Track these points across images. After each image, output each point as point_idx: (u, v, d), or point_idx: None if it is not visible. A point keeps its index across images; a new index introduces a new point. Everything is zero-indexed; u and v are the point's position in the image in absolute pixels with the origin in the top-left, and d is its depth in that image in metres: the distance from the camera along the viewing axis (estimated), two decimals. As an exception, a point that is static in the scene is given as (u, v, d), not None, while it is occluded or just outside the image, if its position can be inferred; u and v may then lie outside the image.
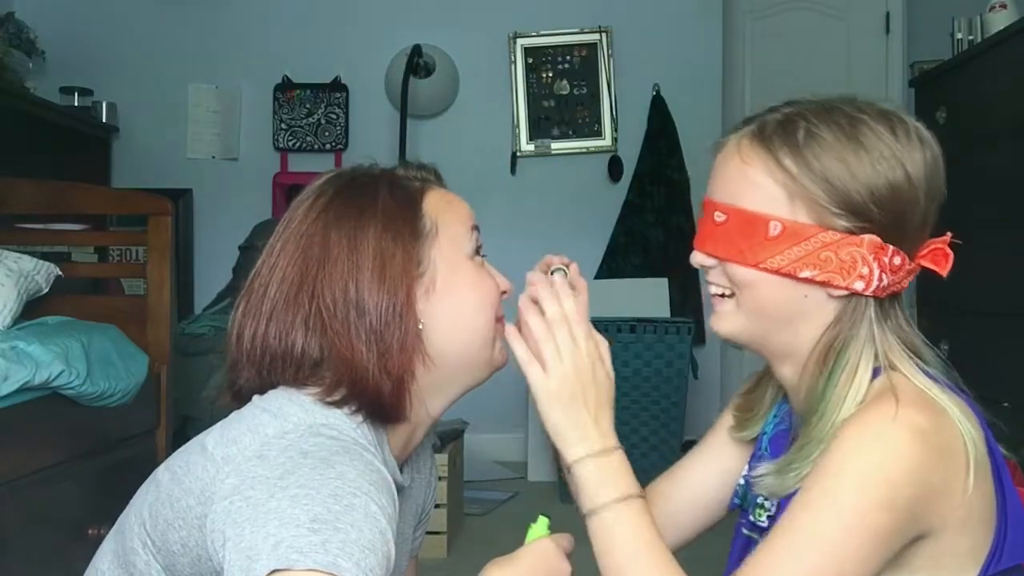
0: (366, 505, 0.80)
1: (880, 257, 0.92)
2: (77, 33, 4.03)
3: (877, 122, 0.94)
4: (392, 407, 0.96)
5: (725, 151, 1.01)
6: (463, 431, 3.07)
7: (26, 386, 1.94)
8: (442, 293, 0.98)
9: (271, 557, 0.75)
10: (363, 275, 0.94)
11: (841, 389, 0.93)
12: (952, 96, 3.22)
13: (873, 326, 0.94)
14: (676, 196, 4.04)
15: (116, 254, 3.80)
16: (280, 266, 0.97)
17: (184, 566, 0.87)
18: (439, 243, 0.99)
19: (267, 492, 0.80)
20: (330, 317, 0.93)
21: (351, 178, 1.02)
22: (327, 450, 0.84)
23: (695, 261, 1.03)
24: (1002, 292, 2.74)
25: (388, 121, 3.94)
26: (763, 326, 0.99)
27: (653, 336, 3.26)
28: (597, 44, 4.11)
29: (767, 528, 1.04)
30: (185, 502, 0.87)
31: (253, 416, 0.91)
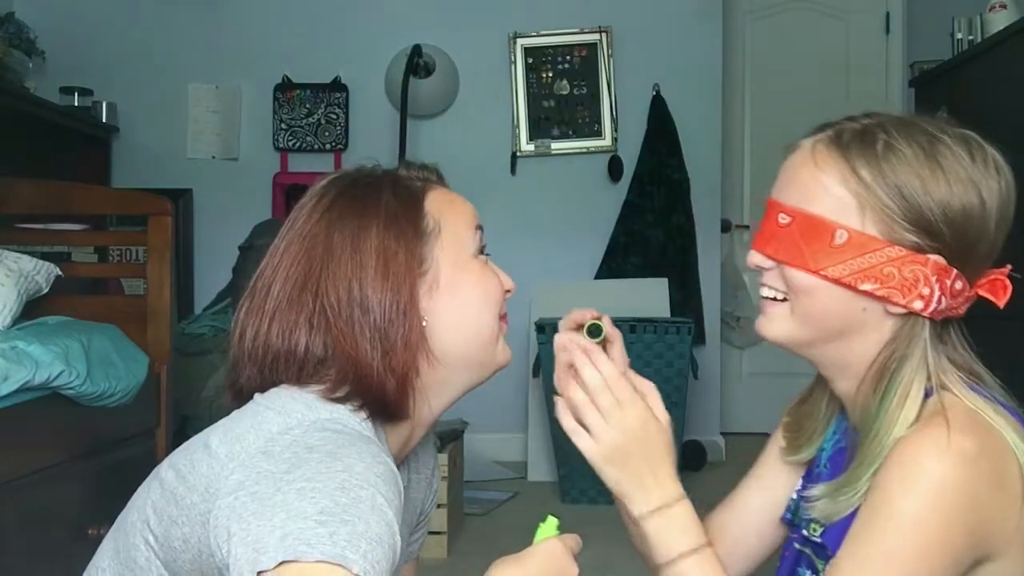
0: (373, 497, 0.80)
1: (943, 279, 0.91)
2: (77, 33, 4.02)
3: (956, 144, 0.93)
4: (396, 404, 0.96)
5: (798, 154, 0.98)
6: (463, 431, 3.07)
7: (26, 386, 1.94)
8: (445, 291, 0.99)
9: (278, 549, 0.75)
10: (367, 273, 0.95)
11: (894, 411, 0.91)
12: (952, 96, 3.22)
13: (928, 348, 0.93)
14: (676, 196, 4.03)
15: (116, 254, 3.80)
16: (284, 266, 0.98)
17: (185, 563, 0.87)
18: (442, 242, 1.00)
19: (273, 486, 0.80)
20: (334, 315, 0.94)
21: (354, 179, 1.03)
22: (333, 443, 0.85)
23: (752, 262, 1.01)
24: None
25: (388, 121, 3.94)
26: (814, 335, 0.98)
27: (653, 336, 3.26)
28: (597, 44, 4.11)
29: (820, 543, 1.02)
30: (190, 499, 0.87)
31: (256, 413, 0.92)
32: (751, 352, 4.64)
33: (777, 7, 4.67)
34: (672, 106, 4.07)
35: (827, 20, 4.64)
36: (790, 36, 4.64)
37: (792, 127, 1.12)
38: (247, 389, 0.99)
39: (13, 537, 1.89)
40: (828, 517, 0.96)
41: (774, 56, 4.63)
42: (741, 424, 4.50)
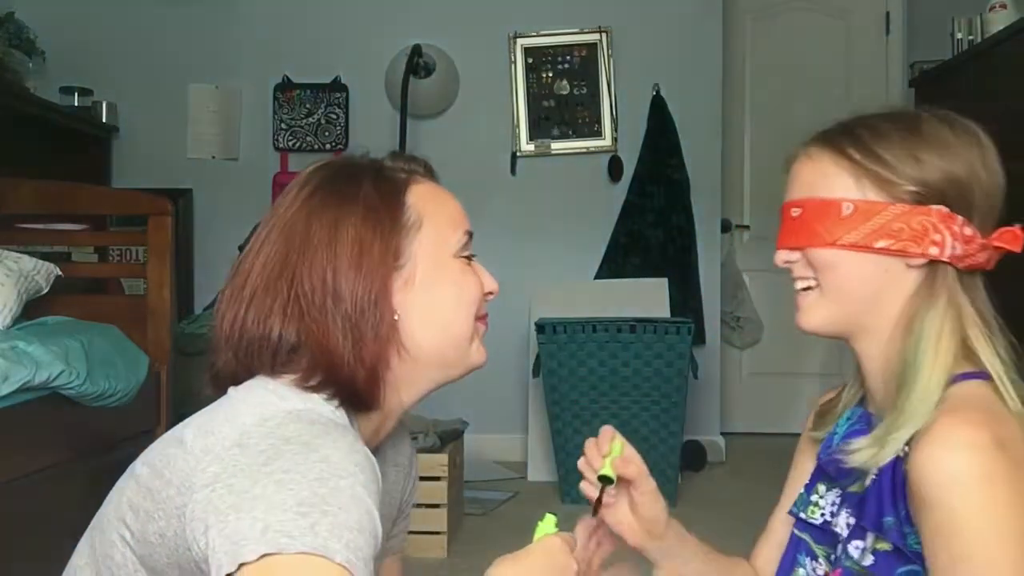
0: (352, 487, 0.80)
1: (950, 225, 0.97)
2: (77, 33, 4.02)
3: (933, 118, 1.01)
4: (366, 395, 0.96)
5: (796, 159, 1.07)
6: (463, 431, 3.07)
7: (26, 386, 1.94)
8: (420, 287, 0.99)
9: (260, 542, 0.75)
10: (341, 263, 0.95)
11: (931, 356, 0.95)
12: (952, 96, 3.22)
13: (954, 294, 0.98)
14: (676, 196, 4.03)
15: (116, 254, 3.80)
16: (264, 252, 0.98)
17: (161, 557, 0.87)
18: (421, 237, 1.00)
19: (250, 479, 0.80)
20: (307, 303, 0.94)
21: (337, 168, 1.03)
22: (309, 434, 0.85)
23: (779, 260, 1.06)
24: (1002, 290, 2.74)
25: (388, 121, 3.94)
26: (848, 309, 1.02)
27: (653, 336, 3.26)
28: (597, 44, 4.11)
29: (819, 526, 1.06)
30: (165, 493, 0.87)
31: (230, 406, 0.92)
32: (751, 352, 4.64)
33: (777, 7, 4.67)
34: (672, 106, 4.07)
35: (827, 20, 4.64)
36: (790, 36, 4.64)
37: (792, 127, 1.17)
38: (223, 375, 0.99)
39: (13, 537, 1.89)
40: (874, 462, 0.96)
41: (774, 56, 4.63)
42: (741, 424, 4.50)
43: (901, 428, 0.94)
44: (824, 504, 1.07)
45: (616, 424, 1.24)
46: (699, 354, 3.69)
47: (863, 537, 0.98)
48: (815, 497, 1.09)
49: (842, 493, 1.05)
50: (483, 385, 4.12)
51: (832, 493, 1.07)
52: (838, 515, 1.04)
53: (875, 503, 0.97)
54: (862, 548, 0.98)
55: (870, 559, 0.97)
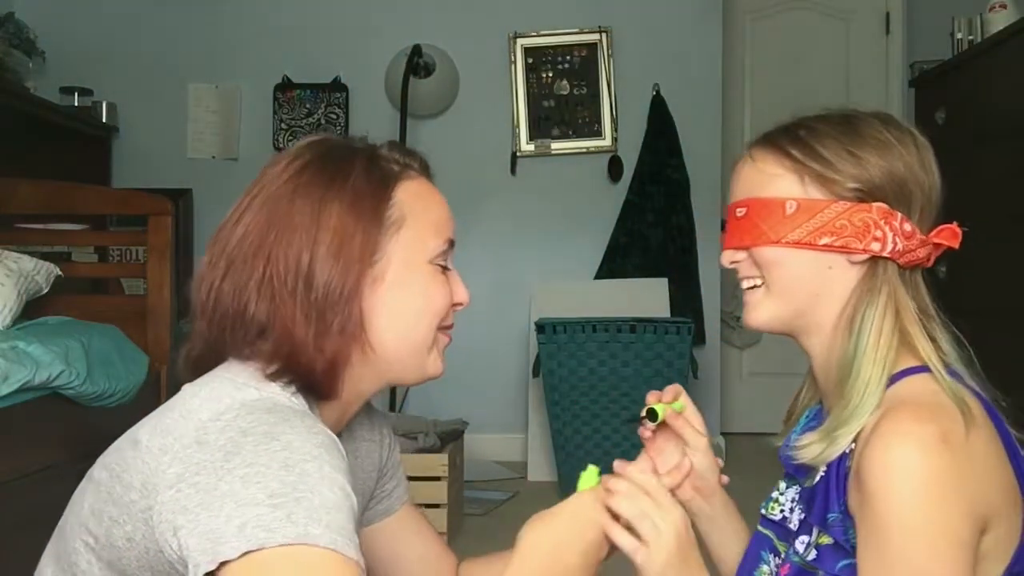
0: (319, 468, 0.80)
1: (890, 222, 0.99)
2: (77, 33, 4.03)
3: (868, 116, 1.04)
4: (323, 385, 0.95)
5: (739, 161, 1.10)
6: (463, 431, 3.07)
7: (26, 386, 1.94)
8: (388, 288, 0.97)
9: (239, 539, 0.74)
10: (319, 249, 0.93)
11: (871, 349, 0.97)
12: (952, 96, 3.22)
13: (895, 289, 1.00)
14: (676, 196, 4.03)
15: (116, 254, 3.80)
16: (244, 222, 0.96)
17: (131, 560, 0.86)
18: (400, 237, 0.98)
19: (215, 476, 0.79)
20: (280, 284, 0.92)
21: (331, 147, 1.01)
22: (266, 423, 0.83)
23: (725, 260, 1.09)
24: (1002, 291, 2.74)
25: (388, 121, 3.94)
26: (794, 305, 1.04)
27: (653, 336, 3.26)
28: (597, 44, 4.11)
29: (778, 522, 1.08)
30: (128, 497, 0.86)
31: (184, 403, 0.90)
32: (751, 352, 4.64)
33: (777, 7, 4.67)
34: (672, 106, 4.07)
35: (827, 20, 4.64)
36: (790, 36, 4.64)
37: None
38: (196, 347, 0.98)
39: (13, 537, 1.89)
40: (823, 458, 0.98)
41: (774, 56, 4.63)
42: (741, 424, 4.50)
43: (847, 424, 0.96)
44: (784, 501, 1.09)
45: (616, 424, 1.25)
46: (699, 354, 3.69)
47: (809, 532, 1.00)
48: (776, 494, 1.11)
49: (800, 489, 1.07)
50: (483, 385, 4.13)
51: (791, 490, 1.09)
52: (794, 511, 1.06)
53: (822, 499, 0.98)
54: (806, 543, 1.00)
55: (813, 553, 0.98)
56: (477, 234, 4.05)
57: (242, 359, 0.94)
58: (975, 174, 2.87)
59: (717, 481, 1.19)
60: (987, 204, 2.74)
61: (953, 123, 3.15)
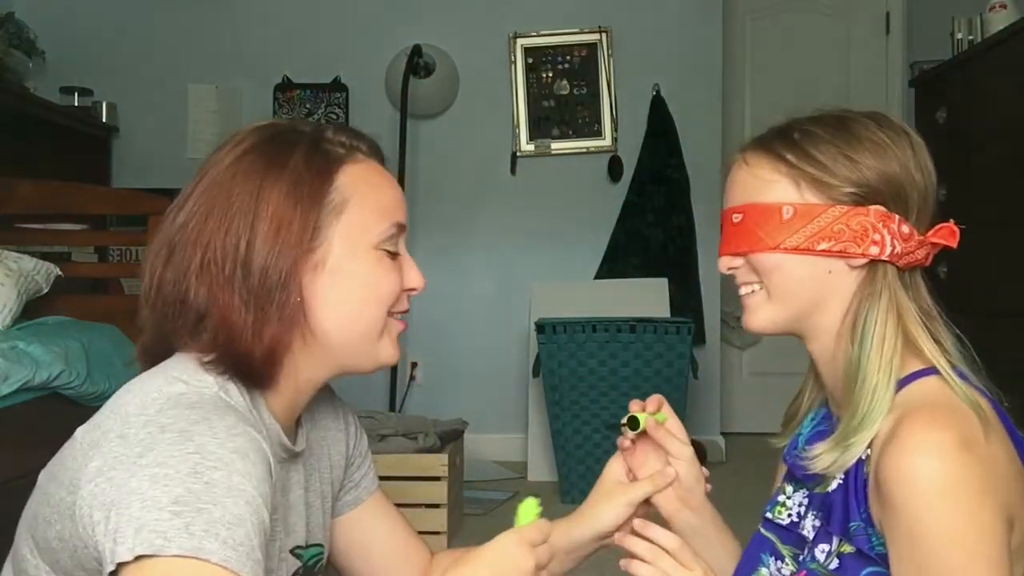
0: (228, 478, 0.79)
1: (888, 224, 0.99)
2: (77, 33, 4.03)
3: (863, 117, 1.04)
4: (260, 373, 0.93)
5: (734, 166, 1.09)
6: (463, 431, 3.07)
7: (26, 386, 1.94)
8: (329, 273, 0.95)
9: (135, 541, 0.75)
10: (256, 235, 0.91)
11: (875, 354, 0.97)
12: (952, 96, 3.22)
13: (895, 292, 0.99)
14: (676, 196, 4.03)
15: (116, 254, 3.80)
16: (186, 208, 0.95)
17: (66, 561, 0.86)
18: (341, 221, 0.96)
19: (128, 472, 0.79)
20: (217, 270, 0.91)
21: (276, 131, 0.99)
22: (185, 420, 0.83)
23: (722, 267, 1.08)
24: (1002, 291, 2.74)
25: (388, 121, 3.94)
26: (794, 310, 1.04)
27: (653, 336, 3.26)
28: (597, 44, 4.11)
29: (786, 526, 1.06)
30: (58, 495, 0.86)
31: (117, 397, 0.90)
32: (751, 352, 4.64)
33: (777, 7, 4.67)
34: (672, 106, 4.07)
35: (827, 20, 4.64)
36: (790, 36, 4.64)
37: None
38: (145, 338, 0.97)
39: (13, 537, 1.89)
40: (839, 467, 0.97)
41: (774, 56, 4.63)
42: (741, 424, 4.50)
43: (859, 432, 0.95)
44: (791, 505, 1.08)
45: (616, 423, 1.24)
46: (699, 354, 3.69)
47: (829, 541, 0.99)
48: (782, 498, 1.09)
49: (809, 494, 1.06)
50: (483, 385, 4.13)
51: (799, 494, 1.08)
52: (805, 517, 1.05)
53: (841, 508, 0.97)
54: (828, 551, 0.99)
55: (836, 562, 0.97)
56: (477, 234, 4.05)
57: (184, 349, 0.94)
58: (975, 174, 2.87)
59: (704, 493, 1.18)
60: (987, 204, 2.74)
61: (953, 123, 3.15)
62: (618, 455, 1.21)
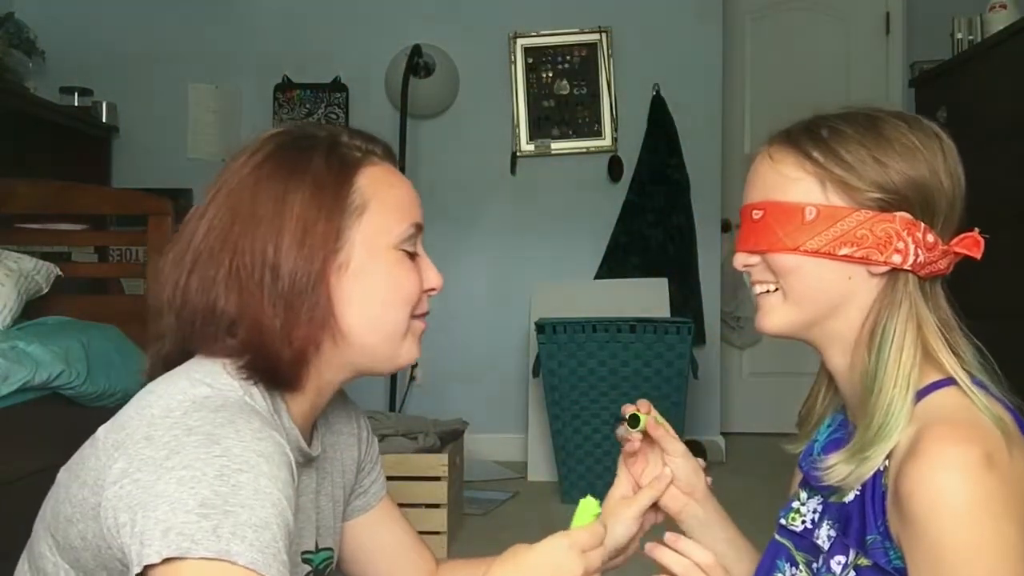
0: (255, 481, 0.79)
1: (913, 232, 0.96)
2: (77, 33, 4.02)
3: (893, 118, 1.00)
4: (289, 375, 0.94)
5: (757, 159, 1.05)
6: (463, 431, 3.07)
7: (26, 386, 1.94)
8: (353, 274, 0.96)
9: (163, 543, 0.75)
10: (283, 240, 0.93)
11: (892, 365, 0.94)
12: (952, 96, 3.22)
13: (915, 302, 0.97)
14: (676, 196, 4.04)
15: (116, 254, 3.80)
16: (208, 217, 0.96)
17: (88, 560, 0.86)
18: (362, 223, 0.97)
19: (154, 474, 0.79)
20: (247, 276, 0.92)
21: (292, 137, 1.00)
22: (211, 423, 0.83)
23: (738, 263, 1.05)
24: (1002, 292, 2.74)
25: (388, 121, 3.94)
26: (810, 314, 1.01)
27: (653, 336, 3.26)
28: (597, 44, 4.11)
29: (800, 533, 1.04)
30: (81, 495, 0.86)
31: (140, 399, 0.90)
32: (751, 352, 4.64)
33: (777, 7, 4.67)
34: (672, 106, 4.07)
35: (827, 20, 4.64)
36: (790, 36, 4.64)
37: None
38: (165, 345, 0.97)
39: (13, 537, 1.89)
40: (848, 481, 0.96)
41: (774, 56, 4.63)
42: (741, 424, 4.50)
43: (875, 444, 0.93)
44: (805, 512, 1.06)
45: (616, 423, 1.24)
46: (699, 354, 3.69)
47: (845, 553, 0.97)
48: (796, 504, 1.08)
49: (823, 502, 1.04)
50: (483, 385, 4.13)
51: (813, 501, 1.06)
52: (819, 526, 1.03)
53: (859, 520, 0.95)
54: (844, 564, 0.97)
55: (852, 575, 0.96)
56: (477, 234, 4.05)
57: (210, 354, 0.94)
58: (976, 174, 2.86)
59: (706, 485, 1.18)
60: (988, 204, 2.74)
61: (953, 123, 3.15)
62: (620, 478, 1.19)
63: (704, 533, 1.16)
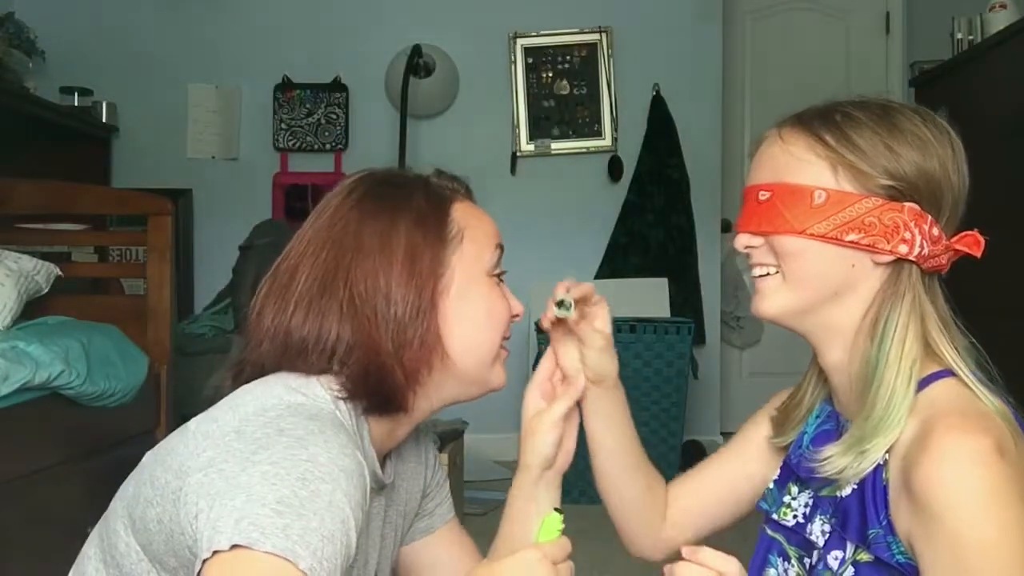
0: (332, 492, 0.81)
1: (920, 224, 0.95)
2: (77, 33, 4.02)
3: (907, 110, 1.00)
4: (400, 398, 0.98)
5: (766, 141, 1.03)
6: (463, 431, 3.07)
7: (26, 386, 1.94)
8: (454, 300, 1.01)
9: (234, 531, 0.76)
10: (393, 269, 0.97)
11: (895, 356, 0.94)
12: (952, 96, 3.22)
13: (919, 294, 0.96)
14: (676, 196, 4.04)
15: (116, 254, 3.80)
16: (311, 252, 1.00)
17: (159, 544, 0.88)
18: (462, 251, 1.03)
19: (239, 466, 0.82)
20: (361, 304, 0.96)
21: (386, 177, 1.06)
22: (303, 429, 0.86)
23: (740, 243, 1.03)
24: (1002, 291, 2.74)
25: (388, 121, 3.94)
26: (809, 301, 0.99)
27: (653, 336, 3.26)
28: (597, 44, 4.11)
29: (792, 528, 1.04)
30: (164, 478, 0.88)
31: (235, 398, 0.93)
32: (751, 352, 4.64)
33: (777, 7, 4.67)
34: (672, 106, 4.07)
35: (827, 20, 4.64)
36: (790, 36, 4.64)
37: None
38: (254, 372, 0.99)
39: (13, 537, 1.89)
40: (846, 474, 0.95)
41: (774, 56, 4.63)
42: (741, 424, 4.50)
43: (875, 436, 0.92)
44: (796, 506, 1.05)
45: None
46: (699, 354, 3.70)
47: (842, 548, 0.96)
48: (787, 498, 1.07)
49: (814, 496, 1.03)
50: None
51: (804, 495, 1.05)
52: (812, 520, 1.02)
53: (858, 514, 0.94)
54: (841, 559, 0.96)
55: (851, 571, 0.95)
56: (477, 234, 4.05)
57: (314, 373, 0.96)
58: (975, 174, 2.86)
59: (616, 378, 1.16)
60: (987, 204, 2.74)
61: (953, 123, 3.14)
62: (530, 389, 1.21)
63: (597, 418, 1.17)
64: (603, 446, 1.19)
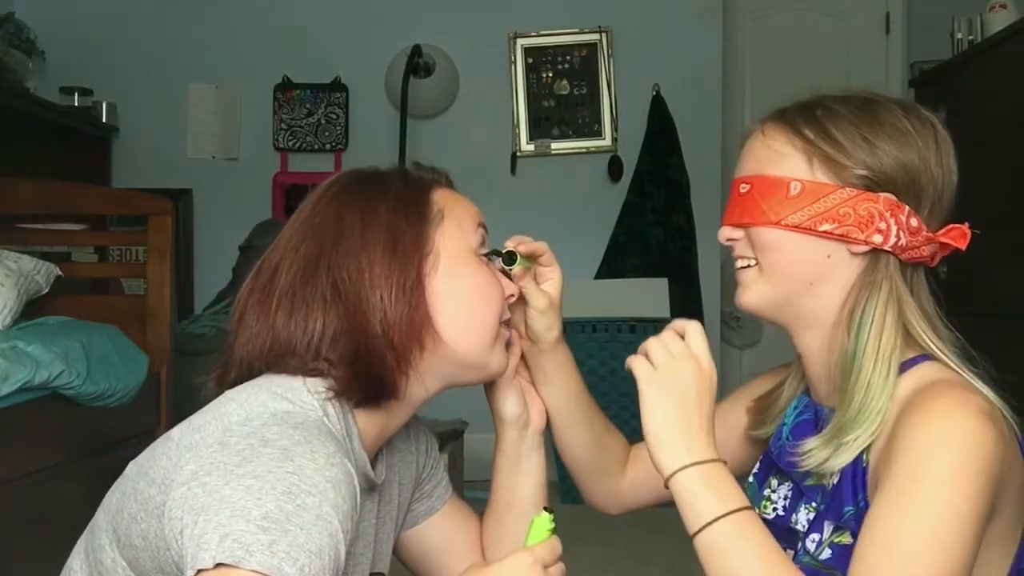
0: (319, 506, 0.79)
1: (896, 215, 0.96)
2: (77, 33, 4.02)
3: (889, 103, 1.00)
4: (392, 383, 0.96)
5: (751, 135, 1.06)
6: (463, 431, 3.07)
7: (26, 386, 1.94)
8: (442, 278, 0.99)
9: (218, 549, 0.75)
10: (376, 250, 0.96)
11: (871, 346, 0.94)
12: (952, 96, 3.22)
13: (896, 285, 0.96)
14: (676, 196, 4.04)
15: (116, 254, 3.80)
16: (292, 247, 0.99)
17: (146, 560, 0.86)
18: (444, 228, 1.01)
19: (223, 479, 0.80)
20: (346, 289, 0.95)
21: (364, 172, 1.06)
22: (288, 439, 0.84)
23: (722, 236, 1.05)
24: (1002, 291, 2.74)
25: (388, 121, 3.94)
26: (787, 291, 1.00)
27: (653, 336, 3.26)
28: (597, 44, 4.11)
29: (772, 520, 1.04)
30: (148, 493, 0.87)
31: (219, 405, 0.91)
32: (751, 352, 4.64)
33: (777, 7, 4.66)
34: (672, 106, 4.07)
35: (827, 20, 4.64)
36: (790, 36, 4.64)
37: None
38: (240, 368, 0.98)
39: (13, 537, 1.89)
40: (830, 466, 0.95)
41: (774, 56, 4.63)
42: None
43: (856, 428, 0.93)
44: (777, 499, 1.06)
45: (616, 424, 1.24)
46: (699, 354, 3.69)
47: (820, 530, 0.97)
48: (767, 491, 1.07)
49: (794, 485, 1.03)
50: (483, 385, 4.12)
51: (784, 487, 1.06)
52: (796, 511, 1.02)
53: (839, 497, 0.96)
54: (818, 541, 0.97)
55: (827, 552, 0.95)
56: (477, 234, 4.05)
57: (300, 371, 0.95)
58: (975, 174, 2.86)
59: (556, 340, 1.16)
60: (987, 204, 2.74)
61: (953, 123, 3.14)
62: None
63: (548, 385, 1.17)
64: (550, 404, 1.20)
